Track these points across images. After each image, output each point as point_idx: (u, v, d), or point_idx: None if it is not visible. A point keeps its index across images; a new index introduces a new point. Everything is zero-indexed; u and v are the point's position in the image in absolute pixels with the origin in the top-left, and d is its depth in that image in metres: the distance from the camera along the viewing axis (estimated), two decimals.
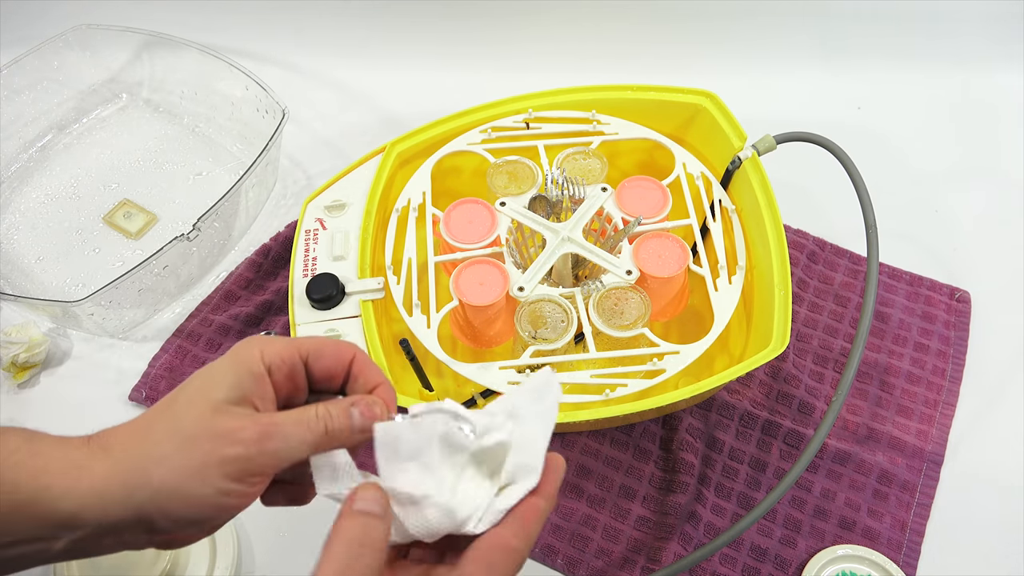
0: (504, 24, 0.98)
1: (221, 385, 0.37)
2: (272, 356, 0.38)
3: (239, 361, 0.38)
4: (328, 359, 0.40)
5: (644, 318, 0.60)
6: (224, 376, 0.37)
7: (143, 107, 0.95)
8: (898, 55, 0.98)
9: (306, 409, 0.38)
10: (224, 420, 0.36)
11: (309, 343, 0.40)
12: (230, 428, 0.36)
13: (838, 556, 0.64)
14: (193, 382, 0.38)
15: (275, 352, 0.39)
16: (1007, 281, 0.81)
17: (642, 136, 0.71)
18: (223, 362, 0.38)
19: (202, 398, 0.36)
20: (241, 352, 0.38)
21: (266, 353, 0.38)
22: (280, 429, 0.37)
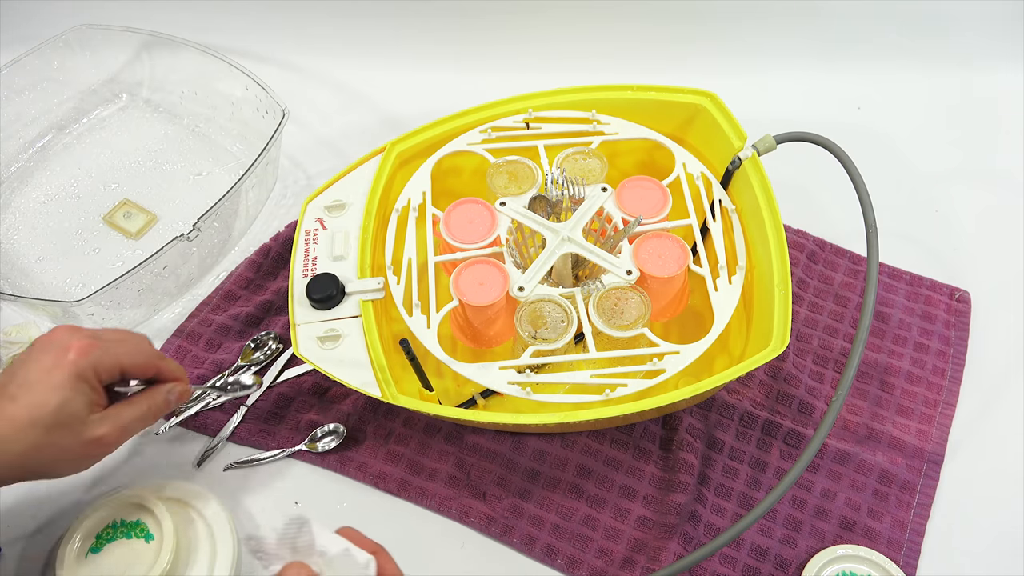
0: (504, 24, 0.98)
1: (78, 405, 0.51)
2: (104, 371, 0.53)
3: (82, 379, 0.51)
4: (140, 374, 0.56)
5: (644, 318, 0.60)
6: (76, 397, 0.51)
7: (143, 107, 0.95)
8: (898, 55, 0.98)
9: (138, 404, 0.55)
10: (92, 431, 0.52)
11: (128, 361, 0.55)
12: (98, 436, 0.52)
13: (838, 556, 0.64)
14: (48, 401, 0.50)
15: (106, 367, 0.53)
16: (1007, 281, 0.81)
17: (642, 136, 0.71)
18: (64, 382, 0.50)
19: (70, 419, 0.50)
20: (80, 372, 0.51)
21: (99, 369, 0.52)
22: (130, 425, 0.54)
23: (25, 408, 0.49)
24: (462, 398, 0.71)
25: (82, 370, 0.51)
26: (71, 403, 0.51)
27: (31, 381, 0.50)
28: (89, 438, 0.52)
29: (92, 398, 0.52)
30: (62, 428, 0.50)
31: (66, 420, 0.50)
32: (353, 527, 0.50)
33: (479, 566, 0.66)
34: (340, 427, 0.71)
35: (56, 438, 0.50)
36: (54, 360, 0.51)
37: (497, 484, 0.69)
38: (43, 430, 0.49)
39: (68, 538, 0.62)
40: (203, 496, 0.66)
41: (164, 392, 0.57)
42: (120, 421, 0.53)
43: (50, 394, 0.50)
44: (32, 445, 0.49)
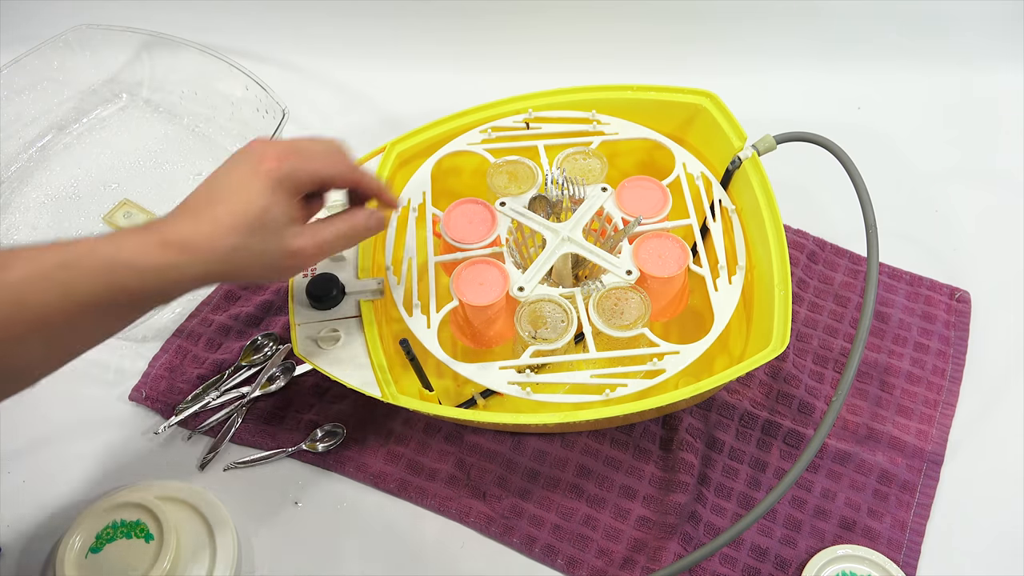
0: (504, 24, 0.98)
1: (278, 213, 0.51)
2: (301, 182, 0.52)
3: (280, 188, 0.51)
4: (337, 180, 0.55)
5: (644, 318, 0.60)
6: (278, 205, 0.51)
7: (143, 107, 0.95)
8: (898, 55, 0.98)
9: (337, 222, 0.55)
10: (290, 241, 0.52)
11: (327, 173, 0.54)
12: (296, 248, 0.52)
13: (838, 556, 0.64)
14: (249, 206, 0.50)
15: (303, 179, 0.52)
16: (1007, 281, 0.81)
17: (642, 136, 0.71)
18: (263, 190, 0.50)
19: (274, 232, 0.51)
20: (280, 181, 0.51)
21: (297, 180, 0.52)
22: (329, 243, 0.54)
23: (227, 213, 0.49)
24: (462, 398, 0.71)
25: (280, 179, 0.51)
26: (270, 210, 0.50)
27: (232, 188, 0.50)
28: (287, 248, 0.52)
29: (290, 209, 0.52)
30: (262, 233, 0.50)
31: (266, 226, 0.50)
32: None
33: (479, 566, 0.66)
34: (340, 427, 0.71)
35: (256, 242, 0.50)
36: (251, 169, 0.51)
37: (497, 484, 0.69)
38: (245, 234, 0.49)
39: (68, 538, 0.62)
40: (203, 496, 0.66)
41: (365, 216, 0.56)
42: (318, 237, 0.53)
43: (250, 201, 0.50)
44: (233, 247, 0.49)
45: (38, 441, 0.72)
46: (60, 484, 0.69)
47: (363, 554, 0.66)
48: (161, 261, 0.47)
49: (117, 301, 0.46)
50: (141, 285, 0.47)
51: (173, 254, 0.47)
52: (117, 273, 0.46)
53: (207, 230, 0.48)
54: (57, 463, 0.70)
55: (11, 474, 0.70)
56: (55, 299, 0.44)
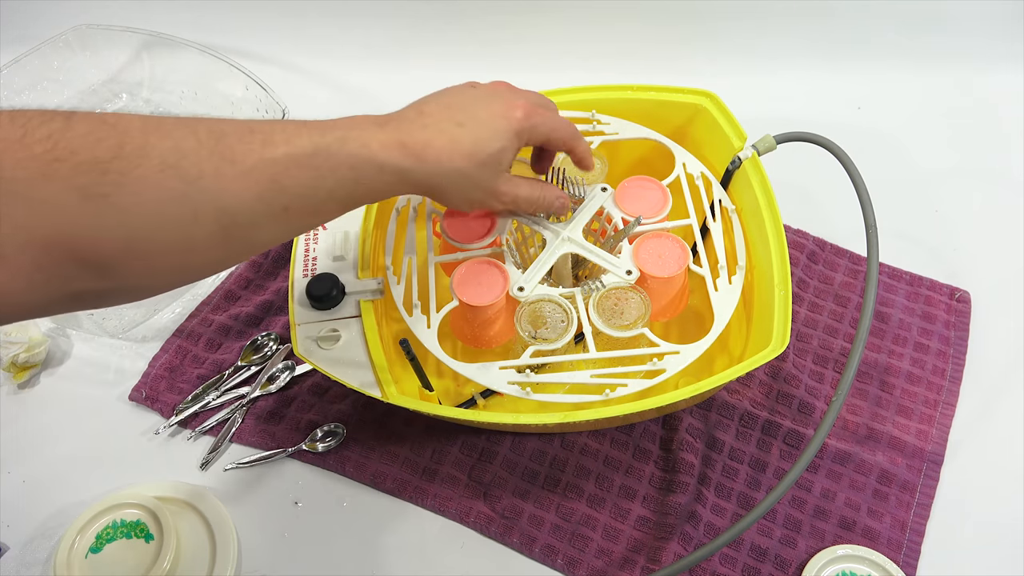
0: (503, 24, 0.98)
1: (507, 157, 0.54)
2: (534, 137, 0.56)
3: (519, 137, 0.54)
4: (560, 143, 0.58)
5: (644, 318, 0.60)
6: (509, 151, 0.54)
7: (143, 107, 0.95)
8: (898, 55, 0.98)
9: (534, 186, 0.58)
10: (498, 183, 0.55)
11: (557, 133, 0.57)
12: (500, 190, 0.55)
13: (838, 556, 0.64)
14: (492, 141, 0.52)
15: (538, 135, 0.56)
16: (1007, 281, 0.81)
17: (642, 136, 0.71)
18: (509, 132, 0.53)
19: (496, 164, 0.53)
20: (522, 131, 0.54)
21: (534, 134, 0.55)
22: (522, 198, 0.58)
23: (470, 139, 0.51)
24: (462, 398, 0.71)
25: (523, 130, 0.54)
26: (505, 153, 0.53)
27: (480, 118, 0.53)
28: (495, 187, 0.55)
29: (514, 155, 0.55)
30: (488, 169, 0.53)
31: (493, 165, 0.53)
32: None
33: (479, 566, 0.66)
34: (340, 427, 0.71)
35: (480, 175, 0.53)
36: (504, 111, 0.53)
37: (497, 484, 0.69)
38: (476, 164, 0.52)
39: (68, 538, 0.62)
40: (203, 496, 0.66)
41: (556, 194, 0.60)
42: (517, 189, 0.57)
43: (494, 138, 0.52)
44: (460, 171, 0.51)
45: (38, 441, 0.72)
46: (60, 484, 0.69)
47: (363, 554, 0.66)
48: (401, 163, 0.49)
49: (353, 195, 0.48)
50: (376, 183, 0.48)
51: (411, 159, 0.49)
52: (361, 169, 0.47)
53: (446, 146, 0.50)
54: (57, 463, 0.70)
55: (11, 474, 0.70)
56: (306, 185, 0.45)
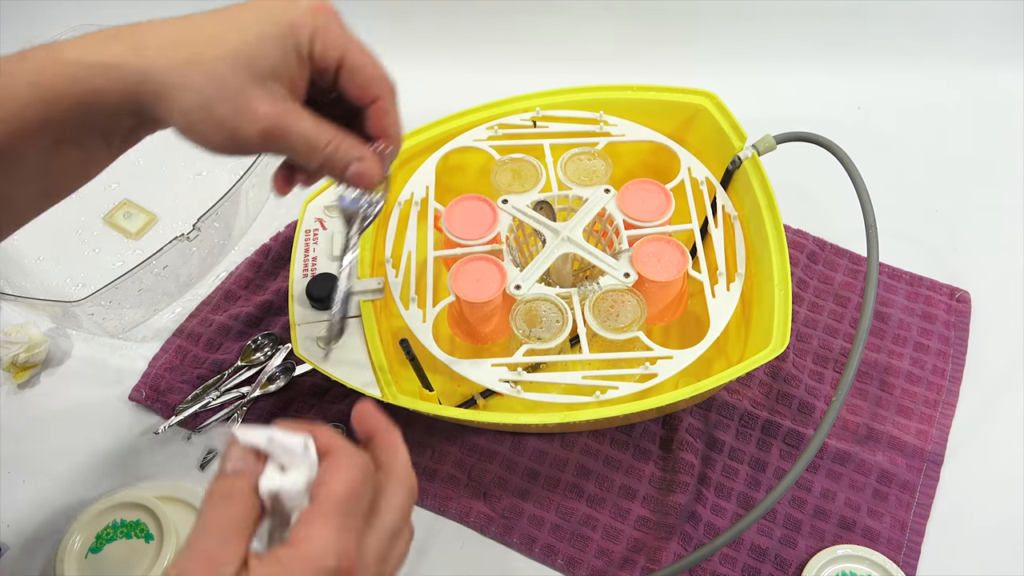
0: (503, 24, 0.98)
1: (269, 56, 0.39)
2: (322, 44, 0.41)
3: (293, 33, 0.40)
4: (356, 84, 0.42)
5: (639, 321, 0.60)
6: (273, 46, 0.40)
7: None
8: (898, 55, 0.98)
9: (325, 128, 0.42)
10: (254, 98, 0.39)
11: (355, 56, 0.42)
12: (256, 109, 0.39)
13: (838, 556, 0.64)
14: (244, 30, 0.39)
15: (327, 42, 0.41)
16: (1007, 281, 0.81)
17: (648, 139, 0.71)
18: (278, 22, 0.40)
19: (247, 62, 0.39)
20: (299, 25, 0.40)
21: (319, 38, 0.41)
22: (293, 133, 0.40)
23: (215, 24, 0.40)
24: (462, 398, 0.71)
25: (301, 26, 0.40)
26: (265, 50, 0.40)
27: (243, 8, 0.40)
28: (246, 101, 0.39)
29: (290, 66, 0.41)
30: (236, 70, 0.39)
31: (244, 63, 0.39)
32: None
33: (479, 566, 0.66)
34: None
35: (223, 73, 0.39)
36: (282, 6, 0.40)
37: (497, 484, 0.69)
38: (217, 55, 0.39)
39: (68, 538, 0.62)
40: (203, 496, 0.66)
41: (355, 154, 0.43)
42: (289, 119, 0.41)
43: (255, 24, 0.40)
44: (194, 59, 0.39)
45: (38, 441, 0.72)
46: (60, 484, 0.69)
47: None
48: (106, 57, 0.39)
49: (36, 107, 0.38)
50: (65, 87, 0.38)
51: (123, 50, 0.39)
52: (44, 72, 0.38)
53: (176, 33, 0.40)
54: (57, 463, 0.70)
55: (11, 474, 0.70)
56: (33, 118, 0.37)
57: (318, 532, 0.34)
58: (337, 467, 0.36)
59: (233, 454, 0.36)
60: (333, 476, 0.36)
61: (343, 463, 0.36)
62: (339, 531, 0.34)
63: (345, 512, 0.35)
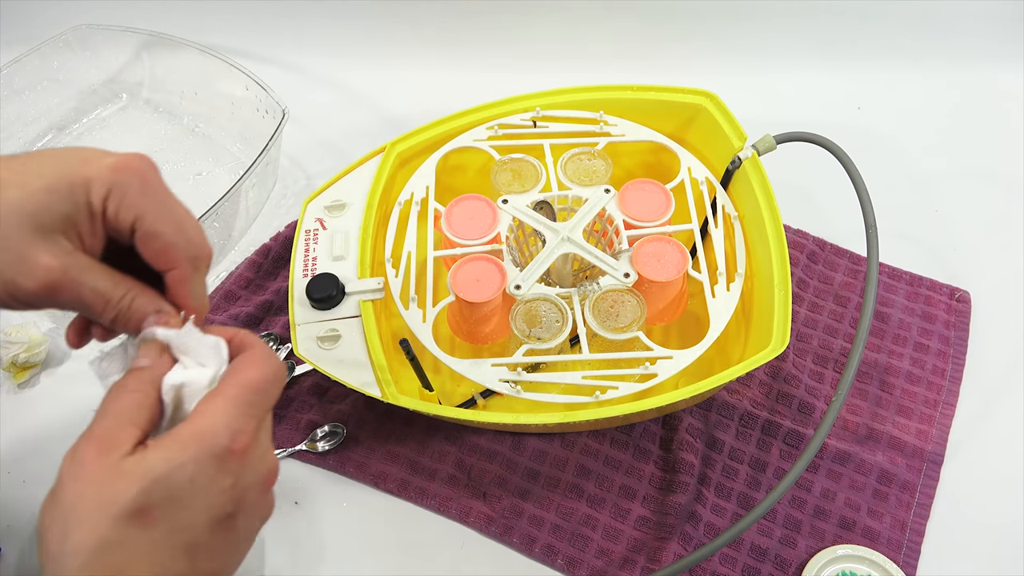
0: (503, 24, 0.98)
1: (55, 208, 0.37)
2: (116, 204, 0.38)
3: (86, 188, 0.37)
4: (152, 251, 0.39)
5: (639, 321, 0.60)
6: (62, 199, 0.37)
7: (143, 107, 0.95)
8: (898, 55, 0.98)
9: (119, 282, 0.39)
10: (37, 250, 0.36)
11: (152, 220, 0.39)
12: (38, 261, 0.36)
13: (838, 556, 0.64)
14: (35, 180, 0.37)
15: (122, 202, 0.38)
16: (1007, 281, 0.81)
17: (648, 139, 0.71)
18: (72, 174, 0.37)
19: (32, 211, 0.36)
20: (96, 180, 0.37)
21: (114, 196, 0.38)
22: (84, 287, 0.38)
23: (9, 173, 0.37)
24: (462, 398, 0.71)
25: (98, 182, 0.37)
26: (52, 197, 0.36)
27: (51, 156, 0.38)
28: (27, 252, 0.36)
29: (78, 221, 0.38)
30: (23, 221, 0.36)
31: (28, 211, 0.36)
32: None
33: (479, 566, 0.66)
34: (340, 427, 0.71)
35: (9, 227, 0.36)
36: (88, 156, 0.38)
37: (497, 484, 0.69)
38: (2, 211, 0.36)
39: None
40: None
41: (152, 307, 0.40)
42: (79, 273, 0.38)
43: (45, 175, 0.37)
44: None
45: (38, 441, 0.72)
46: None
47: (363, 554, 0.66)
48: None
49: None
50: None
51: None
52: None
53: None
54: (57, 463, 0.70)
55: (11, 474, 0.70)
56: None
57: (217, 409, 0.35)
58: (252, 361, 0.37)
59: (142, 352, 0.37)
60: (246, 367, 0.37)
61: (259, 359, 0.37)
62: (239, 414, 0.35)
63: (250, 402, 0.36)
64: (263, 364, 0.37)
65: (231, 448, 0.35)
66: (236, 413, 0.35)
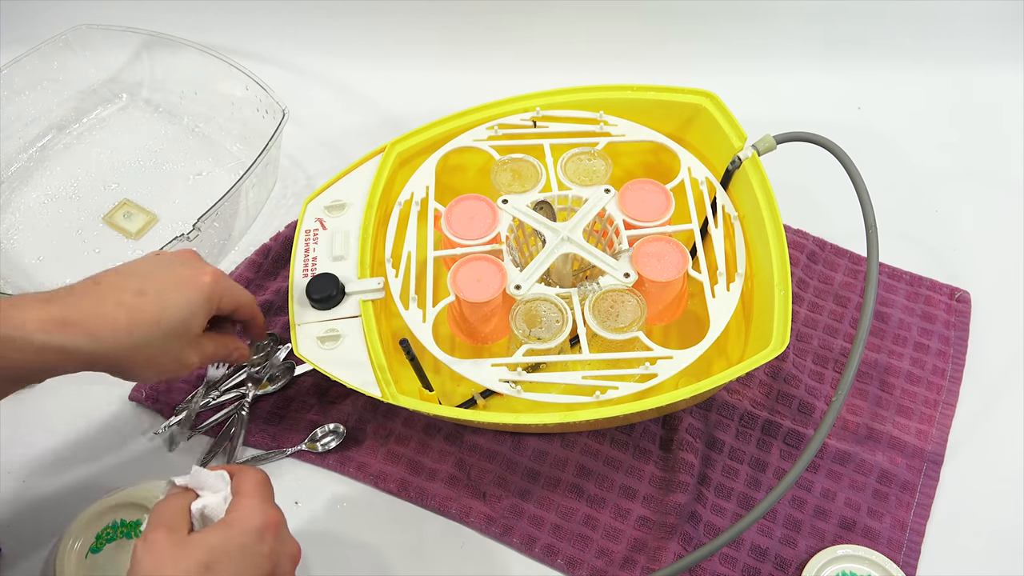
0: (503, 24, 0.98)
1: (198, 324, 0.55)
2: (227, 304, 0.57)
3: (210, 302, 0.55)
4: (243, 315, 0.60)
5: (639, 321, 0.60)
6: (200, 316, 0.54)
7: (143, 107, 0.95)
8: (898, 55, 0.98)
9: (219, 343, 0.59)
10: (189, 353, 0.55)
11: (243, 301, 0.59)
12: (190, 361, 0.55)
13: (838, 556, 0.64)
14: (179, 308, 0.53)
15: (228, 302, 0.57)
16: (1007, 281, 0.81)
17: (648, 139, 0.71)
18: (200, 298, 0.54)
19: (185, 332, 0.54)
20: (212, 295, 0.55)
21: (225, 300, 0.56)
22: (207, 358, 0.57)
23: (154, 307, 0.51)
24: (462, 398, 0.71)
25: (212, 295, 0.54)
26: (195, 320, 0.54)
27: (165, 285, 0.53)
28: (182, 358, 0.54)
29: (204, 319, 0.55)
30: (177, 339, 0.53)
31: (183, 333, 0.53)
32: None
33: (479, 566, 0.66)
34: (340, 427, 0.71)
35: (165, 345, 0.52)
36: (192, 276, 0.54)
37: (497, 484, 0.69)
38: (162, 334, 0.52)
39: (68, 538, 0.62)
40: None
41: (234, 348, 0.60)
42: (204, 352, 0.57)
43: (182, 305, 0.52)
44: (145, 341, 0.51)
45: (38, 441, 0.72)
46: (60, 484, 0.69)
47: (363, 554, 0.66)
48: (66, 342, 0.48)
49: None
50: (32, 363, 0.48)
51: (80, 336, 0.48)
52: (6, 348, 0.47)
53: (124, 318, 0.50)
54: (57, 463, 0.70)
55: (11, 474, 0.70)
56: None
57: (246, 504, 0.47)
58: (249, 473, 0.50)
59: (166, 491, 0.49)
60: (247, 475, 0.49)
61: (251, 471, 0.50)
62: (261, 501, 0.48)
63: (262, 494, 0.48)
64: (256, 471, 0.50)
65: (266, 524, 0.47)
66: (259, 501, 0.47)
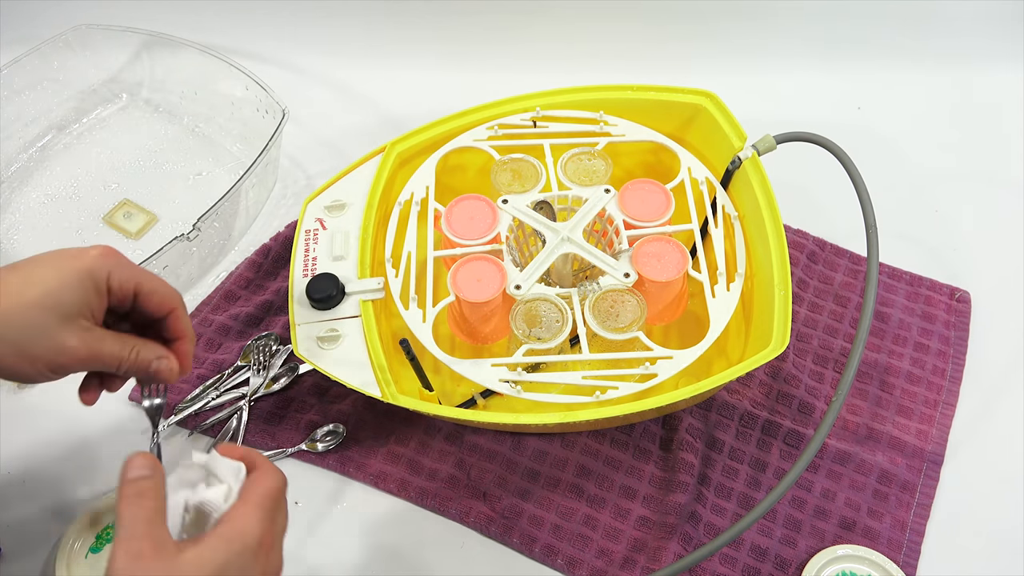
0: (503, 24, 0.98)
1: (72, 298, 0.46)
2: (118, 280, 0.48)
3: (91, 276, 0.47)
4: (155, 304, 0.50)
5: (639, 321, 0.60)
6: (75, 289, 0.47)
7: (143, 107, 0.95)
8: (898, 55, 0.98)
9: (126, 341, 0.49)
10: (66, 335, 0.46)
11: (148, 282, 0.50)
12: (68, 345, 0.46)
13: (838, 556, 0.64)
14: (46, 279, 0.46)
15: (122, 278, 0.48)
16: (1007, 281, 0.81)
17: (648, 139, 0.71)
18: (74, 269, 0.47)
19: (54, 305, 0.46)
20: (94, 268, 0.47)
21: (114, 276, 0.48)
22: (104, 357, 0.48)
23: (18, 279, 0.46)
24: (462, 398, 0.71)
25: (94, 268, 0.47)
26: (67, 293, 0.46)
27: (40, 262, 0.47)
28: (60, 341, 0.46)
29: (91, 302, 0.47)
30: (43, 313, 0.45)
31: (50, 307, 0.46)
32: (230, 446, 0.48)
33: (479, 566, 0.66)
34: (340, 427, 0.71)
35: (35, 321, 0.45)
36: (73, 252, 0.48)
37: (497, 484, 0.69)
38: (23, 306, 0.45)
39: (68, 538, 0.62)
40: None
41: (153, 354, 0.50)
42: (98, 345, 0.48)
43: (50, 276, 0.46)
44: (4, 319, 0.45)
45: (38, 441, 0.72)
46: (60, 484, 0.69)
47: (363, 554, 0.66)
48: None
49: None
50: None
51: None
52: None
53: None
54: (57, 463, 0.70)
55: (11, 474, 0.70)
56: None
57: (247, 513, 0.43)
58: (265, 476, 0.45)
59: (136, 462, 0.45)
60: (263, 481, 0.45)
61: (270, 475, 0.46)
62: (264, 516, 0.44)
63: (269, 508, 0.44)
64: (273, 477, 0.46)
65: (262, 543, 0.43)
66: (262, 516, 0.44)
